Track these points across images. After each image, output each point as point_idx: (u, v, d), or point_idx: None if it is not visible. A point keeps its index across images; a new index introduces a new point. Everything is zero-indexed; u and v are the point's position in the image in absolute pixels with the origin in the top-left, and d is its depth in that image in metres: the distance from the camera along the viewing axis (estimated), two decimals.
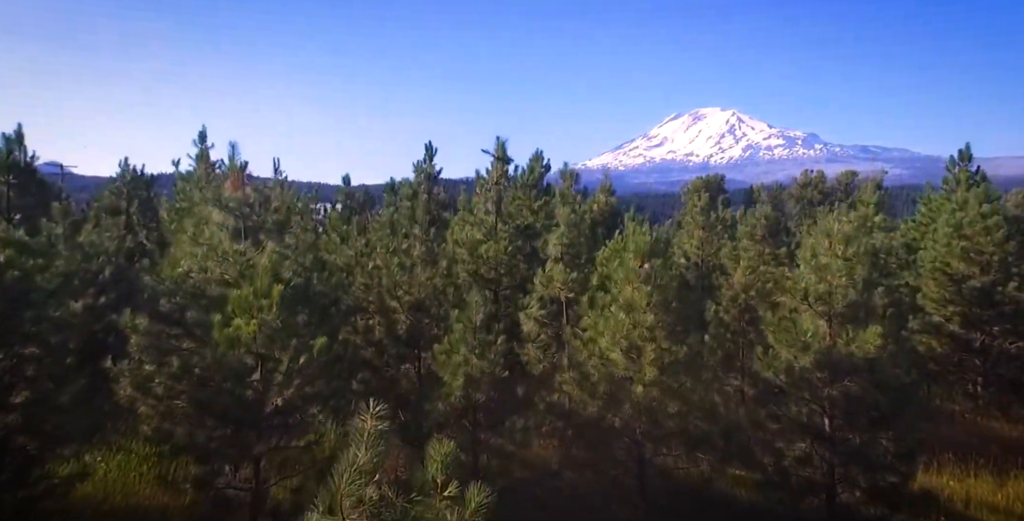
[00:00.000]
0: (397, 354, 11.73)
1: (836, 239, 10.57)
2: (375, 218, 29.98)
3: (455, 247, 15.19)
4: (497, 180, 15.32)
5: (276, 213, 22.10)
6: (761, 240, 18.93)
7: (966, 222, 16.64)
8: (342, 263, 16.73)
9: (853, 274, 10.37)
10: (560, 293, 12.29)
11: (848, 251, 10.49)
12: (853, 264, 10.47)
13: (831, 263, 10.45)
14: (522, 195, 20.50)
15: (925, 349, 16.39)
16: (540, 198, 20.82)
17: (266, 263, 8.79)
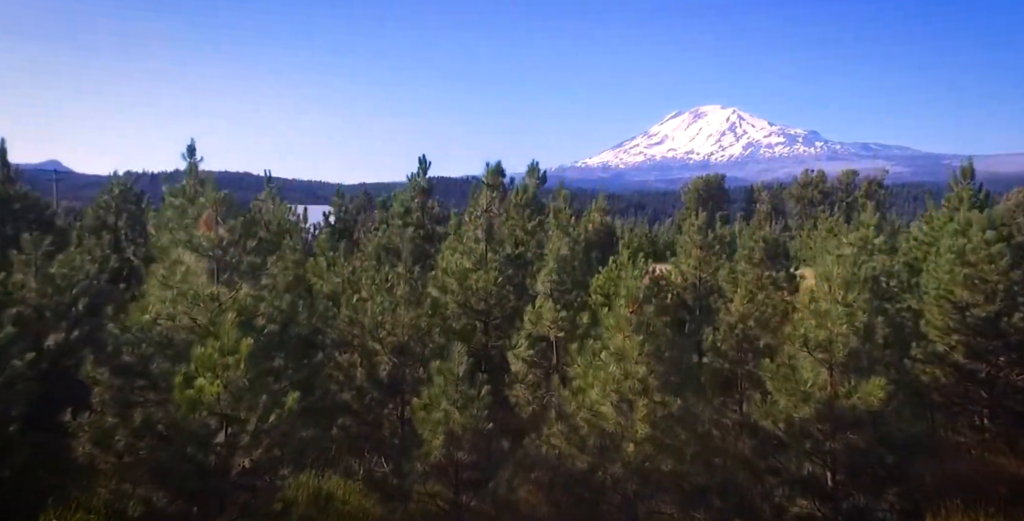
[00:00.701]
0: (379, 398, 11.26)
1: (836, 284, 10.07)
2: (368, 227, 29.52)
3: (444, 276, 14.72)
4: (487, 207, 14.83)
5: (261, 240, 21.56)
6: (760, 263, 18.46)
7: (969, 249, 16.12)
8: (328, 290, 16.27)
9: (854, 321, 9.88)
10: (550, 332, 11.80)
11: (848, 296, 10.00)
12: (854, 310, 9.97)
13: (831, 309, 9.96)
14: (516, 215, 20.07)
15: (929, 379, 15.92)
16: (534, 218, 20.39)
17: (232, 318, 8.29)
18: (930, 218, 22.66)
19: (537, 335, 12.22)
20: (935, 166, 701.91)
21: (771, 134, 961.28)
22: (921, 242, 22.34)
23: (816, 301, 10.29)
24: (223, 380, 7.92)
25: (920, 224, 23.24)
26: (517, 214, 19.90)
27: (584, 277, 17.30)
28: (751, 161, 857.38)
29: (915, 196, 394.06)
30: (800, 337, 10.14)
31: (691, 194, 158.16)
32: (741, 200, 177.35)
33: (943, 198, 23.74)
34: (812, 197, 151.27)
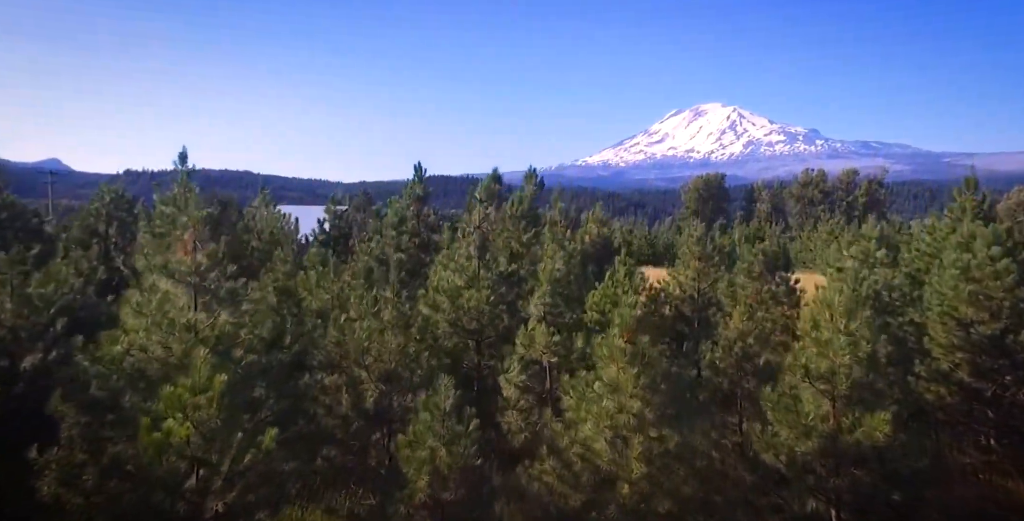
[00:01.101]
0: (365, 427, 10.86)
1: (838, 311, 9.66)
2: (363, 237, 29.09)
3: (435, 294, 14.31)
4: (479, 223, 14.42)
5: (253, 250, 21.09)
6: (759, 276, 18.06)
7: (974, 265, 15.71)
8: (318, 306, 15.88)
9: (857, 351, 9.48)
10: (543, 357, 11.39)
11: (851, 325, 9.59)
12: (857, 339, 9.57)
13: (833, 339, 9.55)
14: (511, 227, 19.67)
15: (933, 397, 15.52)
16: (530, 230, 19.98)
17: (205, 355, 7.87)
18: (932, 228, 22.26)
19: (530, 358, 11.82)
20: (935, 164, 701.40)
21: (771, 132, 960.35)
22: (923, 253, 21.92)
23: (818, 328, 9.88)
24: (193, 421, 7.51)
25: (922, 234, 22.75)
26: (513, 226, 19.49)
27: (580, 291, 16.91)
28: (751, 159, 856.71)
29: (915, 194, 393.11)
30: (801, 367, 9.74)
31: (691, 194, 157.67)
32: (741, 199, 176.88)
33: (945, 208, 23.31)
34: (812, 196, 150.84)
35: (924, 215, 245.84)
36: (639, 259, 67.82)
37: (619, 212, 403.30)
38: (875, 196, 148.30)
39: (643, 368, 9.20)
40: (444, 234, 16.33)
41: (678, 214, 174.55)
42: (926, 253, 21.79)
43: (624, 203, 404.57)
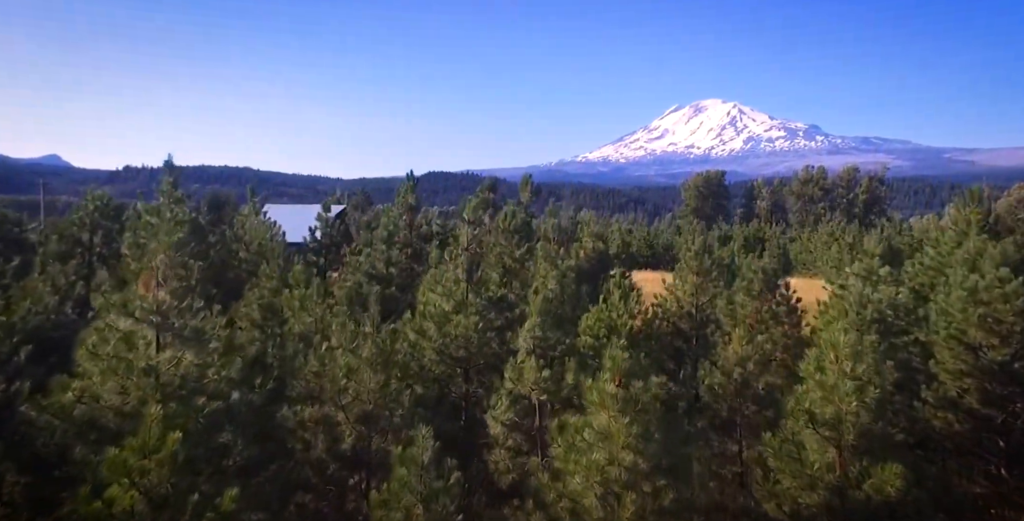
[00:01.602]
0: (341, 472, 10.25)
1: (843, 354, 9.03)
2: (357, 243, 28.45)
3: (422, 320, 13.68)
4: (468, 245, 13.79)
5: (241, 262, 20.35)
6: (759, 295, 17.44)
7: (982, 287, 15.08)
8: (301, 329, 15.25)
9: (865, 397, 8.86)
10: (532, 393, 10.77)
11: (858, 368, 8.97)
12: (864, 384, 8.95)
13: (839, 383, 8.93)
14: (504, 242, 19.07)
15: (941, 423, 14.92)
16: (523, 244, 19.37)
17: (156, 413, 7.20)
18: (936, 242, 21.59)
19: (518, 393, 11.21)
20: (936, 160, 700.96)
21: (772, 128, 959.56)
22: (927, 267, 21.27)
23: (822, 371, 9.25)
24: (141, 487, 6.88)
25: (926, 248, 22.09)
26: (506, 240, 18.88)
27: (574, 312, 16.31)
28: (752, 155, 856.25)
29: (916, 190, 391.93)
30: (804, 412, 9.12)
31: (691, 191, 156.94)
32: (741, 196, 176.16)
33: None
34: (813, 194, 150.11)
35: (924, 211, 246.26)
36: (638, 261, 67.28)
37: (619, 209, 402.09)
38: (876, 193, 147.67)
39: (636, 415, 8.58)
40: (432, 252, 15.66)
41: (678, 211, 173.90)
42: (930, 267, 21.14)
43: (624, 199, 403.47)
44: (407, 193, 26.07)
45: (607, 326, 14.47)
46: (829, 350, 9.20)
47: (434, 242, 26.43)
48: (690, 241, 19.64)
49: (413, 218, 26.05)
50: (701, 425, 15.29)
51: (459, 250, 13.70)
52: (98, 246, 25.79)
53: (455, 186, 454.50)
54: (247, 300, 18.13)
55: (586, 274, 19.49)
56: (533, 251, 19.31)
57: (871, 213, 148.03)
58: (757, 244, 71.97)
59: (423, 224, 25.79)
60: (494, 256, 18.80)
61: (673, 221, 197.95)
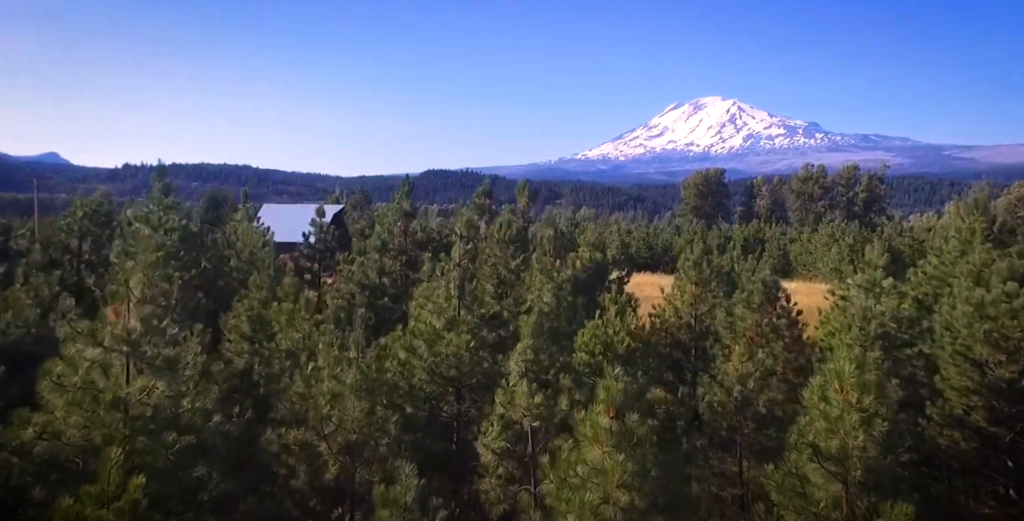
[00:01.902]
0: (324, 506, 9.83)
1: (849, 384, 8.60)
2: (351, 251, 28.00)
3: (412, 338, 13.26)
4: (460, 260, 13.37)
5: (232, 269, 19.87)
6: (759, 307, 17.03)
7: (988, 301, 14.66)
8: (289, 346, 14.83)
9: (873, 430, 8.43)
10: (524, 420, 10.36)
11: (865, 400, 8.54)
12: (871, 416, 8.53)
13: (844, 416, 8.51)
14: (500, 252, 18.66)
15: (947, 442, 14.52)
16: (519, 254, 18.95)
17: (117, 456, 6.73)
18: (939, 251, 21.16)
19: (510, 419, 10.79)
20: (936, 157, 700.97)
21: (771, 126, 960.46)
22: (931, 276, 20.86)
23: (826, 401, 8.83)
24: None
25: (929, 257, 21.67)
26: (501, 251, 18.47)
27: (570, 326, 15.91)
28: (751, 153, 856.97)
29: (915, 188, 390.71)
30: (808, 445, 8.70)
31: (690, 189, 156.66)
32: (740, 194, 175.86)
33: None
34: (812, 192, 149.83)
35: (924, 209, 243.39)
36: (637, 262, 66.88)
37: (618, 207, 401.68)
38: (875, 192, 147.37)
39: (631, 451, 8.18)
40: (424, 264, 15.15)
41: (678, 210, 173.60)
42: (934, 277, 20.73)
43: (623, 198, 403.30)
44: (402, 199, 25.67)
45: (603, 343, 14.05)
46: (833, 379, 8.77)
47: (429, 251, 26.03)
48: (688, 250, 19.21)
49: (408, 224, 25.64)
50: (700, 443, 14.92)
51: (451, 265, 13.27)
52: (87, 253, 25.37)
53: (455, 184, 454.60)
54: (236, 311, 17.73)
55: (583, 284, 19.06)
56: (529, 262, 18.90)
57: (871, 211, 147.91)
58: (757, 245, 71.64)
59: (418, 231, 25.35)
60: (489, 267, 18.39)
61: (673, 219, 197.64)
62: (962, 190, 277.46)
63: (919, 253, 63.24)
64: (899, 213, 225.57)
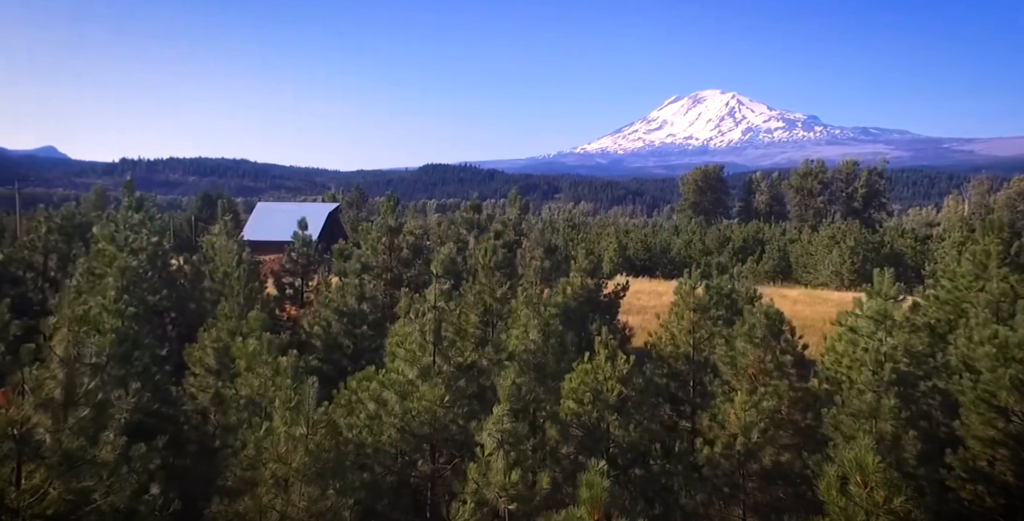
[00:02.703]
0: None
1: (875, 481, 7.36)
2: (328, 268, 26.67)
3: (381, 389, 12.00)
4: (436, 302, 12.09)
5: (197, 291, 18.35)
6: (762, 342, 15.76)
7: (1014, 343, 13.40)
8: (249, 393, 13.56)
9: None
10: (499, 502, 9.10)
11: (895, 499, 7.30)
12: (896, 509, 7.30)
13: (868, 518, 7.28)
14: (484, 278, 17.41)
15: (970, 497, 13.31)
16: (505, 282, 17.69)
17: None
18: (953, 274, 19.89)
19: (484, 496, 9.54)
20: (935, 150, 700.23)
21: (770, 119, 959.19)
22: (943, 301, 19.61)
23: (847, 496, 7.59)
24: None
25: (942, 280, 20.40)
26: (487, 277, 17.23)
27: (559, 364, 14.67)
28: (750, 146, 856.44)
29: (914, 181, 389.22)
30: None
31: (689, 185, 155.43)
32: (739, 187, 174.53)
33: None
34: (812, 188, 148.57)
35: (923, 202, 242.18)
36: (635, 265, 65.64)
37: (617, 201, 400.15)
38: (875, 187, 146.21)
39: None
40: (401, 301, 13.70)
41: (677, 206, 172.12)
42: (947, 302, 19.48)
43: (622, 192, 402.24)
44: (387, 214, 24.41)
45: (592, 390, 12.80)
46: (854, 472, 7.53)
47: (414, 268, 24.79)
48: (685, 285, 17.99)
49: (394, 240, 24.39)
50: (700, 498, 13.68)
51: (425, 307, 12.01)
52: (53, 270, 24.07)
53: (453, 178, 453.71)
54: (201, 342, 16.47)
55: (574, 313, 17.82)
56: (516, 289, 17.65)
57: (870, 207, 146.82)
58: (756, 246, 70.30)
59: (403, 247, 24.09)
60: (474, 295, 17.14)
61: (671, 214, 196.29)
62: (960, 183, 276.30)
63: (922, 255, 62.21)
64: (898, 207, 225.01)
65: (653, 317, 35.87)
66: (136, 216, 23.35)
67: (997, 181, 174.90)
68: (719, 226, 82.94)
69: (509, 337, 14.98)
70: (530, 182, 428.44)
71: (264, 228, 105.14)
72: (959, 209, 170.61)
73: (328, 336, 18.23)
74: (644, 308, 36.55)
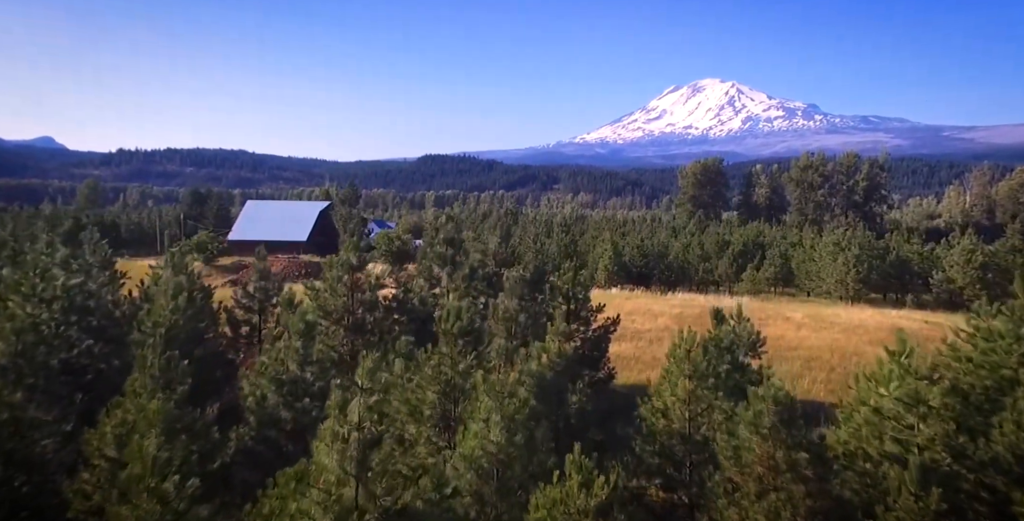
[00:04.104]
0: None
1: None
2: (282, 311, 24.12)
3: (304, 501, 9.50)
4: (361, 421, 9.54)
5: None
6: (771, 434, 13.21)
7: None
8: None
9: None
10: None
11: None
12: None
13: None
14: (445, 347, 14.87)
15: None
16: (471, 350, 15.16)
17: None
18: (987, 333, 17.23)
19: None
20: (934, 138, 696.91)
21: (770, 108, 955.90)
22: (976, 364, 17.00)
23: None
24: None
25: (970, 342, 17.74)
26: (447, 346, 14.73)
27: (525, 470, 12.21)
28: (750, 135, 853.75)
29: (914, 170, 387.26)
30: None
31: (688, 179, 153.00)
32: (739, 177, 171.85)
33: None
34: (812, 181, 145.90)
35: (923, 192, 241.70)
36: (631, 273, 63.11)
37: (616, 192, 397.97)
38: (876, 180, 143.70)
39: None
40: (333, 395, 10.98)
41: (676, 200, 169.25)
42: (980, 366, 16.89)
43: (621, 182, 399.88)
44: (348, 250, 21.84)
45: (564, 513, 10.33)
46: None
47: (379, 310, 22.27)
48: (679, 348, 15.47)
49: (356, 279, 21.84)
50: None
51: (345, 430, 9.45)
52: None
53: (452, 169, 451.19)
54: (101, 429, 13.92)
55: (551, 386, 15.27)
56: (485, 358, 15.16)
57: (871, 200, 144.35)
58: (757, 251, 67.70)
59: (367, 288, 21.56)
60: (431, 369, 14.63)
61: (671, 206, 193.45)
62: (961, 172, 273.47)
63: (929, 262, 59.66)
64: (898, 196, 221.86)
65: (647, 343, 33.59)
66: (61, 252, 20.89)
67: (998, 171, 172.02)
68: (718, 230, 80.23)
69: (468, 433, 12.46)
70: (529, 173, 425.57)
71: (254, 227, 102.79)
72: (960, 201, 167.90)
73: (263, 410, 15.71)
74: (638, 333, 34.16)
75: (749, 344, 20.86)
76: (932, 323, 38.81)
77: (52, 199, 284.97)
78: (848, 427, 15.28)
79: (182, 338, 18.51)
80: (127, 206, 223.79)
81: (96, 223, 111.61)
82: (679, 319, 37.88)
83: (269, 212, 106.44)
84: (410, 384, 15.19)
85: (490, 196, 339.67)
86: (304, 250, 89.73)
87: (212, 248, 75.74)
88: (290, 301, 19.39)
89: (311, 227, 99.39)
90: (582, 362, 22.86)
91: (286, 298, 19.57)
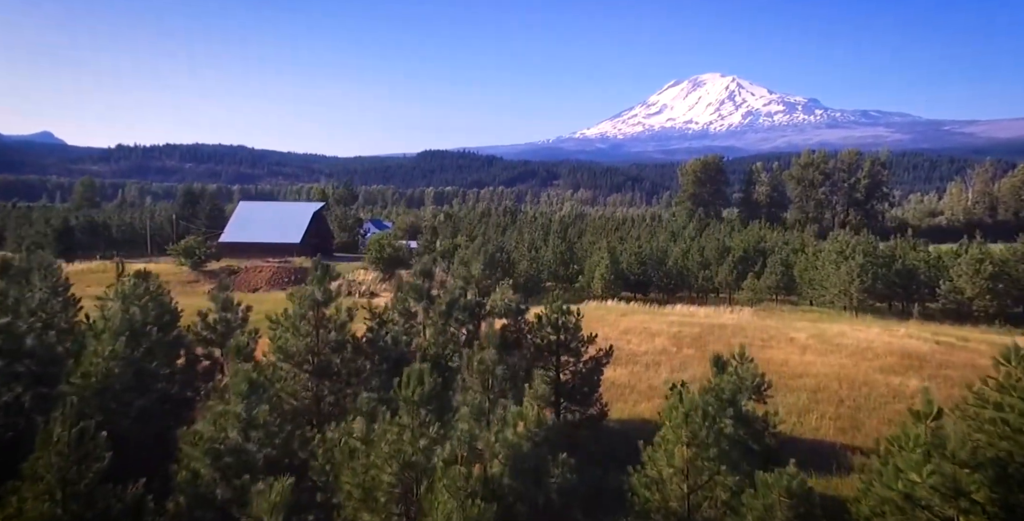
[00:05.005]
0: None
1: None
2: None
3: None
4: None
5: None
6: None
7: None
8: None
9: None
10: None
11: None
12: None
13: None
14: (407, 417, 12.88)
15: None
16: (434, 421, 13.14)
17: None
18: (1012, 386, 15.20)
19: None
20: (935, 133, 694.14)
21: (770, 102, 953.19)
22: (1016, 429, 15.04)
23: None
24: None
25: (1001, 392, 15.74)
26: (410, 416, 12.74)
27: None
28: (750, 130, 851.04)
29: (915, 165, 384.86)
30: None
31: (688, 176, 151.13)
32: (740, 172, 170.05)
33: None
34: (813, 178, 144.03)
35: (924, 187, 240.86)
36: (628, 281, 61.10)
37: (616, 187, 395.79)
38: (877, 178, 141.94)
39: None
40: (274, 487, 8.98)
41: (675, 198, 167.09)
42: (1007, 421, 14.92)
43: (621, 178, 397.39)
44: (313, 283, 19.78)
45: None
46: None
47: (347, 350, 20.24)
48: (674, 412, 13.52)
49: (322, 316, 19.80)
50: None
51: None
52: None
53: (451, 165, 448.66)
54: None
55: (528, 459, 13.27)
56: (453, 428, 13.18)
57: (873, 198, 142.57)
58: (758, 257, 65.60)
59: (332, 328, 19.56)
60: (389, 445, 12.64)
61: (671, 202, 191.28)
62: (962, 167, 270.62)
63: (935, 271, 57.48)
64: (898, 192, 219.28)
65: (643, 368, 31.52)
66: None
67: (1000, 166, 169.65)
68: (718, 235, 78.06)
69: None
70: (529, 168, 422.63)
71: (246, 229, 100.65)
72: (962, 198, 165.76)
73: (196, 489, 13.66)
74: (634, 356, 32.09)
75: (753, 388, 18.91)
76: (943, 343, 36.80)
77: (50, 195, 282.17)
78: (868, 502, 13.31)
79: (117, 389, 16.48)
80: (125, 203, 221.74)
81: (87, 223, 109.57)
82: (677, 339, 35.89)
83: (262, 214, 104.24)
84: (366, 461, 13.22)
85: (490, 192, 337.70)
86: (298, 252, 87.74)
87: (200, 253, 73.44)
88: (239, 349, 17.30)
89: (304, 229, 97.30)
90: (571, 397, 20.95)
91: (235, 345, 17.47)
